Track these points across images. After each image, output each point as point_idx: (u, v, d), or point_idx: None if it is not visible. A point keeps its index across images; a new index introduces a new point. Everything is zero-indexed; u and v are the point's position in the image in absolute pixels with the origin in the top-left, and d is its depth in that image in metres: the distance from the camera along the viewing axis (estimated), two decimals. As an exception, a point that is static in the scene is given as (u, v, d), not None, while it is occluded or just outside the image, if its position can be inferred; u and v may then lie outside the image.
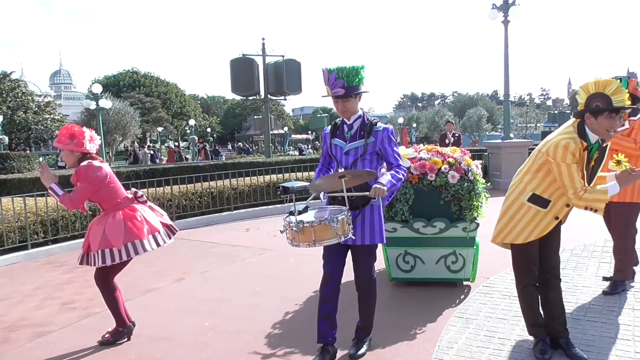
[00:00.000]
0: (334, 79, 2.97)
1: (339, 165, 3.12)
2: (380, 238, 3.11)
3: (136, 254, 3.59)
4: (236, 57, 15.46)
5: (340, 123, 3.22)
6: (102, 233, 3.56)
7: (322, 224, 2.79)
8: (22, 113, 37.78)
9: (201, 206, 9.11)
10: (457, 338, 3.48)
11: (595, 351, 3.15)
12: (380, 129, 3.12)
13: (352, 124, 3.15)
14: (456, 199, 4.35)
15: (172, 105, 55.12)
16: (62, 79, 73.36)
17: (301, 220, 2.82)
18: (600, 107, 2.74)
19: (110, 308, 3.71)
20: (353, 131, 3.13)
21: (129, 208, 3.69)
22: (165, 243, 3.77)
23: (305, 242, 2.82)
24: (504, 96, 13.44)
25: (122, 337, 3.73)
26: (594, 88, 2.78)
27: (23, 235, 6.78)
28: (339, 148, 3.16)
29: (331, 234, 2.80)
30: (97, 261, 3.55)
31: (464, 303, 4.15)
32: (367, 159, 3.09)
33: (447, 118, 19.64)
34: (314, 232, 2.79)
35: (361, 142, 3.10)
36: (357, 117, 3.15)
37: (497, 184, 11.56)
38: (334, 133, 3.21)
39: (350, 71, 2.97)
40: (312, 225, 2.79)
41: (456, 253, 4.42)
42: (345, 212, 2.87)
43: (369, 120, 3.14)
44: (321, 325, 3.17)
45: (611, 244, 5.34)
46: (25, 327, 4.16)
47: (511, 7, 12.20)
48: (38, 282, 5.54)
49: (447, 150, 4.55)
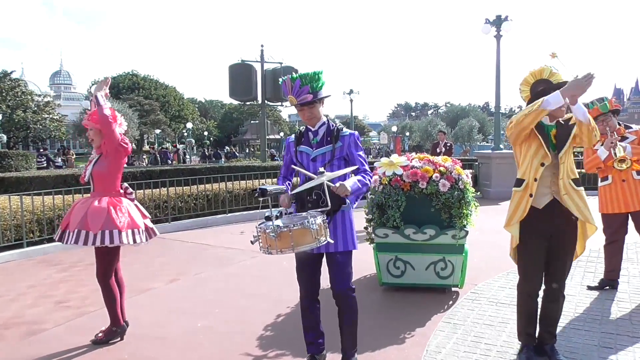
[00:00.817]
0: (299, 86, 2.90)
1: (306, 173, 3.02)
2: (353, 244, 3.04)
3: (111, 243, 3.58)
4: (235, 63, 15.60)
5: (305, 130, 3.15)
6: (83, 214, 3.61)
7: (301, 228, 2.66)
8: (21, 112, 37.76)
9: (196, 208, 9.17)
10: (445, 343, 3.55)
11: (578, 358, 3.23)
12: (346, 133, 3.08)
13: (317, 130, 3.08)
14: (446, 206, 4.44)
15: (170, 108, 55.15)
16: (62, 79, 73.35)
17: (278, 224, 2.69)
18: (545, 88, 2.97)
19: (107, 305, 3.77)
20: (319, 137, 3.07)
21: (117, 199, 3.76)
22: (141, 241, 3.77)
23: (283, 248, 2.67)
24: (495, 108, 13.71)
25: (116, 336, 3.78)
26: (532, 78, 3.07)
27: (19, 233, 6.82)
28: (305, 154, 3.09)
29: (310, 238, 2.68)
30: (71, 240, 3.61)
31: (452, 309, 4.23)
32: (335, 165, 3.03)
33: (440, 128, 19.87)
34: (292, 236, 2.66)
35: (328, 147, 3.04)
36: (322, 124, 3.08)
37: (486, 193, 11.69)
38: (299, 140, 3.14)
39: (313, 77, 2.92)
40: (290, 230, 2.66)
41: (445, 260, 4.51)
42: (323, 216, 2.79)
43: (334, 126, 3.09)
44: (308, 337, 3.16)
45: (596, 253, 5.46)
46: (19, 325, 4.19)
47: (503, 22, 12.51)
48: (33, 280, 5.59)
49: (439, 159, 4.65)
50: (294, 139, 3.18)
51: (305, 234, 2.67)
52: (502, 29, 12.55)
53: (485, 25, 12.62)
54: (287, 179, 3.24)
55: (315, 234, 2.68)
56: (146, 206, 8.40)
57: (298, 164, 3.10)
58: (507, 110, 73.52)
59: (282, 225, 2.69)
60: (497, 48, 12.78)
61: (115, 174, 3.79)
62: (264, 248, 2.76)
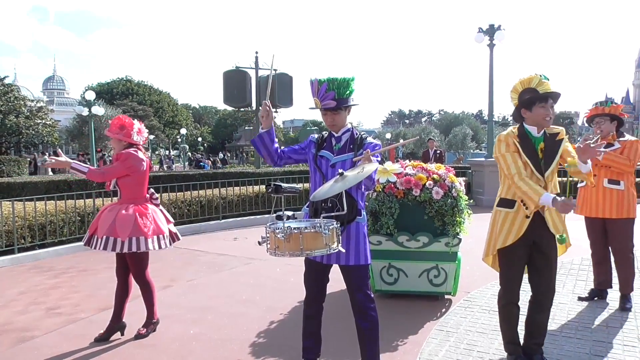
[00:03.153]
0: (325, 90, 2.84)
1: (324, 178, 2.96)
2: (366, 258, 2.94)
3: (137, 250, 3.73)
4: (229, 69, 15.62)
5: (328, 136, 3.08)
6: (112, 221, 3.73)
7: (313, 231, 2.54)
8: (14, 117, 37.50)
9: (190, 215, 9.14)
10: (438, 351, 3.55)
11: (570, 366, 3.25)
12: (371, 143, 2.98)
13: (340, 137, 3.02)
14: (440, 214, 4.47)
15: (164, 114, 55.09)
16: (55, 84, 73.00)
17: (289, 225, 2.57)
18: (531, 97, 3.00)
19: (146, 300, 4.00)
20: (341, 144, 3.00)
21: (143, 206, 3.90)
22: (166, 246, 3.96)
23: (291, 250, 2.54)
24: (488, 116, 13.83)
25: (154, 328, 4.04)
26: (520, 86, 3.08)
27: (10, 239, 6.77)
28: (325, 160, 2.99)
29: (320, 243, 2.54)
30: (100, 245, 3.72)
31: (445, 316, 4.24)
32: None
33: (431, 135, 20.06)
34: (302, 239, 2.52)
35: (350, 155, 2.95)
36: (346, 131, 3.02)
37: (479, 201, 11.75)
38: (321, 145, 3.05)
39: (342, 83, 2.85)
40: (301, 232, 2.53)
41: (438, 267, 4.52)
42: (337, 223, 2.67)
43: (358, 134, 3.02)
44: (307, 343, 3.15)
45: (588, 262, 5.48)
46: (9, 332, 4.16)
47: (496, 31, 12.64)
48: (23, 287, 5.54)
49: (432, 167, 4.68)
50: (315, 140, 3.10)
51: (316, 238, 2.54)
52: (495, 38, 12.68)
53: (478, 34, 12.75)
54: (283, 153, 3.10)
55: (327, 240, 2.56)
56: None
57: (316, 168, 3.00)
58: (499, 118, 74.12)
59: (293, 227, 2.55)
60: (490, 57, 12.91)
61: (140, 182, 3.93)
62: (271, 250, 2.63)
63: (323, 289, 3.11)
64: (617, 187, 4.22)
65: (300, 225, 2.59)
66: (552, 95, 2.99)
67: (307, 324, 3.14)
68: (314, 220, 2.75)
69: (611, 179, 4.24)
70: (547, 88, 2.98)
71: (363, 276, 2.95)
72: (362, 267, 2.93)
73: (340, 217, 2.77)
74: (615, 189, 4.22)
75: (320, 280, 3.07)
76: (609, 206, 4.24)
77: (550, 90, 2.98)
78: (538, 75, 3.01)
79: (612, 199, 4.23)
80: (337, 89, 2.84)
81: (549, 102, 2.98)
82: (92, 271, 6.15)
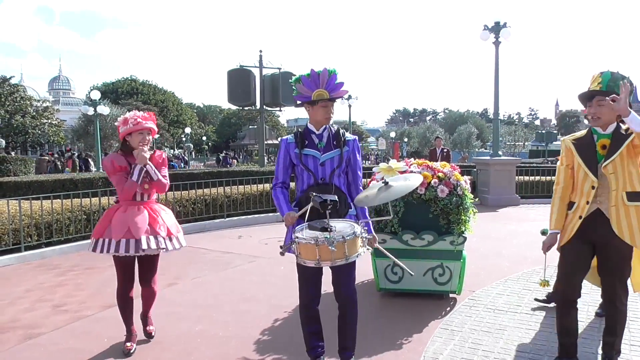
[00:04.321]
0: (334, 80, 2.88)
1: (314, 177, 2.99)
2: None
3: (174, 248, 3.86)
4: (234, 68, 15.63)
5: (306, 132, 3.05)
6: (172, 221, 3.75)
7: (354, 237, 2.59)
8: (20, 117, 37.76)
9: (195, 213, 9.17)
10: (442, 349, 3.55)
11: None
12: (352, 138, 3.07)
13: (321, 134, 3.02)
14: (445, 212, 4.45)
15: (169, 113, 55.26)
16: (61, 84, 73.36)
17: (334, 235, 2.54)
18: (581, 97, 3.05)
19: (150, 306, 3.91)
20: (324, 140, 3.00)
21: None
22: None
23: (337, 259, 2.57)
24: (493, 114, 13.76)
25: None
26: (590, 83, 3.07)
27: (17, 237, 6.81)
28: (312, 158, 2.99)
29: (358, 246, 2.62)
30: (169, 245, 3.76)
31: (449, 315, 4.23)
32: (342, 169, 3.01)
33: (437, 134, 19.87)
34: (346, 246, 2.56)
35: (336, 151, 2.99)
36: (325, 127, 3.03)
37: (484, 200, 11.71)
38: (302, 143, 3.01)
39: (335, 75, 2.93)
40: (344, 240, 2.55)
41: (443, 266, 4.51)
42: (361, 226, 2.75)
43: (336, 130, 3.04)
44: (311, 342, 3.16)
45: None
46: (15, 329, 4.18)
47: (502, 29, 12.55)
48: (30, 285, 5.57)
49: (437, 165, 4.67)
50: (294, 141, 3.05)
51: (356, 242, 2.62)
52: (500, 36, 12.60)
53: (483, 31, 12.68)
54: (286, 184, 3.11)
55: (363, 242, 2.64)
56: (144, 211, 8.40)
57: (302, 167, 3.00)
58: (505, 117, 73.88)
59: (336, 235, 2.56)
60: (496, 54, 12.84)
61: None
62: (309, 259, 2.62)
63: (319, 289, 3.12)
64: None
65: (337, 233, 2.59)
66: (593, 93, 2.95)
67: (308, 326, 3.13)
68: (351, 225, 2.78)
69: None
70: (589, 88, 2.97)
71: (352, 269, 3.01)
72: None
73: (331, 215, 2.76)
74: None
75: (317, 281, 3.07)
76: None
77: (590, 89, 2.96)
78: (597, 74, 2.98)
79: None
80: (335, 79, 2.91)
81: (591, 100, 2.95)
82: (98, 269, 6.18)
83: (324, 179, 2.98)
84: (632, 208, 2.88)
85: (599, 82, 2.92)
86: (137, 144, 3.55)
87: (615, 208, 2.89)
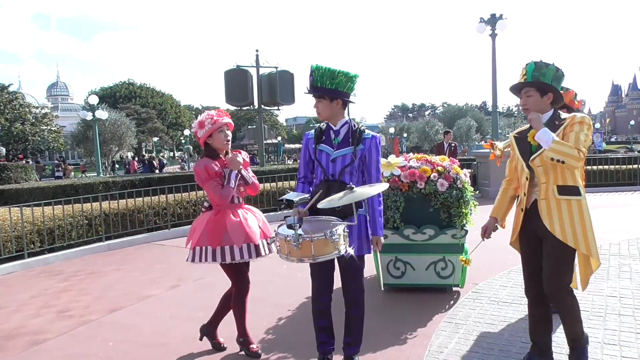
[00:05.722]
0: (310, 75, 2.92)
1: (325, 173, 3.00)
2: (368, 248, 3.02)
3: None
4: (230, 69, 15.60)
5: (326, 128, 3.07)
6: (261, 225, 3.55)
7: (323, 238, 2.60)
8: (20, 125, 37.85)
9: (196, 214, 9.15)
10: (447, 343, 3.55)
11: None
12: (369, 136, 3.01)
13: (338, 130, 3.02)
14: (445, 206, 4.45)
15: (167, 115, 55.30)
16: (59, 90, 73.28)
17: (300, 233, 2.59)
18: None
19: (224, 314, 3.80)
20: (340, 137, 3.00)
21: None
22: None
23: (303, 256, 2.63)
24: (492, 107, 13.77)
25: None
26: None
27: (20, 244, 6.82)
28: (325, 154, 3.01)
29: (330, 248, 2.63)
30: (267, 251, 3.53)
31: (453, 308, 4.24)
32: (355, 167, 2.98)
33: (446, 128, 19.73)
34: (313, 246, 2.60)
35: (350, 149, 2.97)
36: (344, 123, 3.02)
37: (485, 192, 11.72)
38: (319, 138, 3.06)
39: (325, 72, 2.88)
40: (312, 240, 2.60)
41: (445, 259, 4.51)
42: (344, 224, 2.74)
43: (356, 127, 3.02)
44: (320, 337, 3.16)
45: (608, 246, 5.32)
46: (21, 336, 4.20)
47: (498, 20, 12.57)
48: (34, 291, 5.58)
49: (436, 159, 4.66)
50: (313, 136, 3.09)
51: (326, 244, 2.63)
52: (497, 28, 12.63)
53: (480, 24, 12.70)
54: (308, 179, 3.14)
55: (336, 245, 2.64)
56: (145, 213, 8.42)
57: (316, 162, 3.03)
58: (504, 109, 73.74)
59: (304, 235, 2.60)
60: (493, 46, 12.85)
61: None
62: (283, 254, 2.71)
63: (331, 283, 3.11)
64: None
65: (311, 232, 2.63)
66: (519, 86, 2.91)
67: (319, 320, 3.15)
68: (321, 219, 2.82)
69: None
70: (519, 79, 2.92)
71: (360, 267, 3.01)
72: (360, 257, 2.98)
73: (342, 211, 2.83)
74: None
75: (328, 275, 3.07)
76: None
77: (517, 82, 2.92)
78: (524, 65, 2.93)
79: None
80: (319, 77, 2.88)
81: (522, 92, 2.91)
82: (101, 273, 6.20)
83: (334, 176, 2.97)
84: (564, 202, 2.81)
85: (524, 74, 2.88)
86: (222, 142, 3.41)
87: (545, 201, 2.85)
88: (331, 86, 2.90)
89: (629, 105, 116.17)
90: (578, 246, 2.80)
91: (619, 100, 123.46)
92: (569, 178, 2.83)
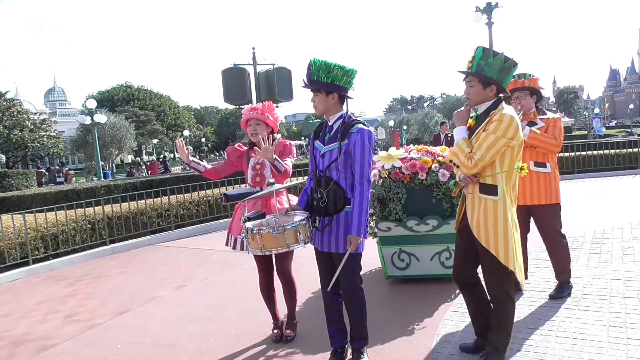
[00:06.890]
0: (307, 69, 2.91)
1: (317, 168, 3.03)
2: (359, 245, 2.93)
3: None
4: (227, 67, 15.55)
5: (324, 124, 3.07)
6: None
7: (268, 233, 2.82)
8: (18, 132, 37.81)
9: (199, 214, 9.18)
10: (454, 332, 3.56)
11: (589, 338, 3.24)
12: (354, 130, 2.87)
13: (332, 125, 2.98)
14: (447, 196, 4.45)
15: (166, 117, 55.29)
16: (56, 96, 73.13)
17: (250, 227, 2.89)
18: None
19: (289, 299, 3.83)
20: (332, 133, 2.97)
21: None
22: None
23: (254, 248, 2.90)
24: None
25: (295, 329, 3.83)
26: None
27: (24, 251, 6.84)
28: (317, 150, 3.04)
29: (277, 242, 2.81)
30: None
31: (459, 297, 4.22)
32: (340, 163, 2.89)
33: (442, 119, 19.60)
34: (261, 239, 2.84)
35: (336, 144, 2.91)
36: (338, 118, 2.97)
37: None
38: (317, 134, 3.09)
39: (321, 66, 2.84)
40: (259, 233, 2.85)
41: (449, 249, 4.51)
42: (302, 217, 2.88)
43: (347, 121, 2.94)
44: (330, 329, 3.19)
45: (600, 234, 5.40)
46: (29, 342, 4.21)
47: (494, 9, 12.53)
48: (41, 297, 5.60)
49: (437, 150, 4.66)
50: (315, 131, 3.14)
51: (271, 239, 2.83)
52: (493, 16, 12.58)
53: (476, 13, 12.65)
54: (310, 177, 3.16)
55: (286, 239, 2.82)
56: (148, 215, 8.43)
57: (312, 157, 3.09)
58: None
59: (252, 229, 2.88)
60: (489, 35, 12.82)
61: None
62: (245, 244, 2.99)
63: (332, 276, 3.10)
64: (544, 170, 3.85)
65: (260, 227, 2.89)
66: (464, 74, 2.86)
67: (326, 312, 3.19)
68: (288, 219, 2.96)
69: (537, 161, 3.85)
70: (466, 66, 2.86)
71: (351, 265, 2.94)
72: (352, 255, 2.91)
73: (328, 208, 2.94)
74: (542, 172, 3.85)
75: (329, 269, 3.08)
76: (537, 192, 3.86)
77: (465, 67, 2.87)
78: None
79: (539, 183, 3.85)
80: (316, 70, 2.86)
81: (465, 80, 2.85)
82: (106, 277, 6.21)
83: (323, 172, 2.98)
84: (483, 201, 2.76)
85: (470, 61, 2.80)
86: (249, 134, 3.58)
87: (471, 196, 2.82)
88: (327, 80, 2.87)
89: (628, 90, 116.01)
90: (498, 254, 2.72)
91: (618, 84, 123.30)
92: (488, 177, 2.76)
